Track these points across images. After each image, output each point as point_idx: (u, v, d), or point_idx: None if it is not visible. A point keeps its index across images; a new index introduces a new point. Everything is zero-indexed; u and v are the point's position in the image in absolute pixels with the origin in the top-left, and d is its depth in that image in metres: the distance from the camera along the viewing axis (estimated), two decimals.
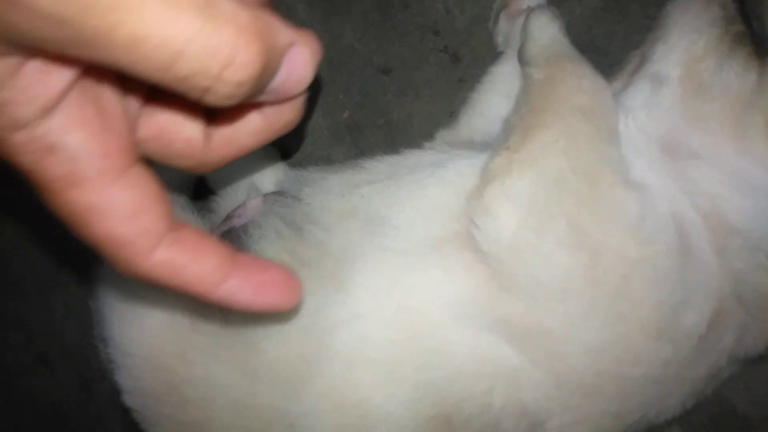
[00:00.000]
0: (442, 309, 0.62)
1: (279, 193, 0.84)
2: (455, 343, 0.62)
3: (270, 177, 0.94)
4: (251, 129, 0.42)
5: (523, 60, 0.73)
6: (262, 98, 0.37)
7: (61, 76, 0.34)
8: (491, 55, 0.92)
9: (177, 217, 0.40)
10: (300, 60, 0.37)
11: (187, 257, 0.40)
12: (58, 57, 0.33)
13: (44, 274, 1.20)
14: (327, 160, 1.02)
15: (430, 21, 0.98)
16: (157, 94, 0.40)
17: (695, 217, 0.62)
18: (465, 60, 0.97)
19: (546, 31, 0.72)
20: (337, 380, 0.64)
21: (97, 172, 0.36)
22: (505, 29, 0.90)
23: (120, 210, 0.37)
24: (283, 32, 0.34)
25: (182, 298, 0.74)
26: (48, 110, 0.34)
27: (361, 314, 0.64)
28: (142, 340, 0.74)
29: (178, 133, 0.41)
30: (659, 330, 0.59)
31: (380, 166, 0.77)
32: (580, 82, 0.65)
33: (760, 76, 0.63)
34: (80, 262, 1.14)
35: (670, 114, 0.66)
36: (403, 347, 0.63)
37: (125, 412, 1.10)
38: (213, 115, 0.42)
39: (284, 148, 1.02)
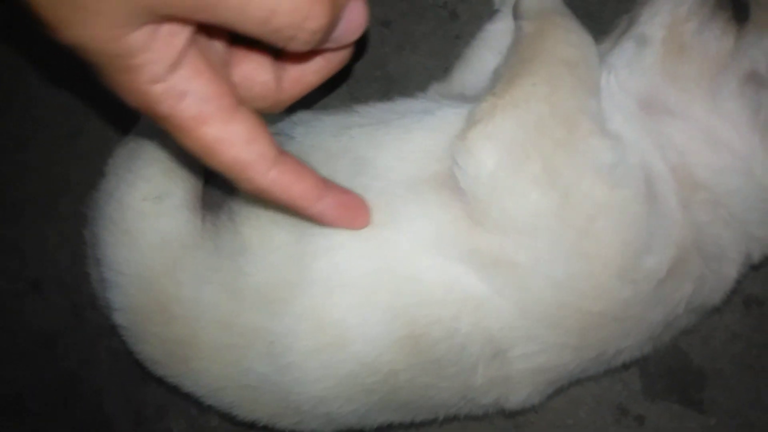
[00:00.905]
0: (415, 241, 0.67)
1: (273, 132, 0.87)
2: (426, 271, 0.66)
3: (265, 118, 0.97)
4: (315, 68, 0.54)
5: (516, 14, 0.76)
6: (327, 45, 0.48)
7: (182, 37, 0.44)
8: (488, 13, 0.95)
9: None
10: (356, 13, 0.49)
11: (293, 177, 0.53)
12: (181, 20, 0.43)
13: (40, 204, 1.23)
14: (323, 108, 1.05)
15: None
16: (237, 48, 0.51)
17: (664, 169, 0.66)
18: (463, 17, 0.99)
19: None
20: (315, 303, 0.69)
21: (219, 110, 0.46)
22: None
23: (241, 139, 0.48)
24: None
25: (174, 223, 0.78)
26: (177, 64, 0.44)
27: (340, 244, 0.69)
28: (134, 260, 0.78)
29: (257, 77, 0.52)
30: (621, 270, 0.63)
31: (372, 111, 0.80)
32: (567, 36, 0.69)
33: (736, 40, 0.66)
34: (76, 193, 1.17)
35: (650, 72, 0.69)
36: (377, 274, 0.67)
37: (111, 337, 1.15)
38: (282, 61, 0.53)
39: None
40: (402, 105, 0.81)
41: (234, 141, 0.47)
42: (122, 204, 0.80)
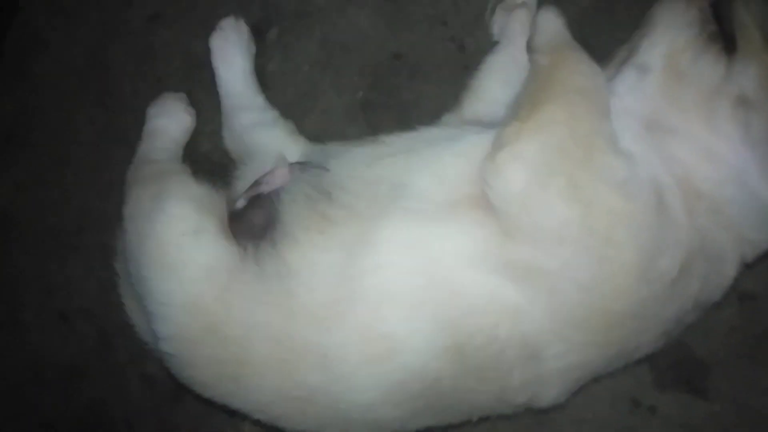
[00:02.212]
0: (456, 257, 0.74)
1: (305, 164, 0.94)
2: (467, 284, 0.73)
3: (292, 149, 1.03)
4: None
5: (530, 49, 0.85)
6: None
7: None
8: (494, 45, 1.04)
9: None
10: None
11: None
12: None
13: (63, 236, 1.26)
14: (341, 136, 1.12)
15: (439, 12, 1.09)
16: None
17: (670, 181, 0.75)
18: (470, 49, 1.08)
19: (552, 24, 0.85)
20: (365, 317, 0.75)
21: None
22: (502, 21, 1.03)
23: None
24: None
25: (215, 253, 0.84)
26: None
27: (387, 263, 0.76)
28: (181, 290, 0.83)
29: None
30: (639, 271, 0.71)
31: (399, 140, 0.88)
32: (579, 67, 0.78)
33: (727, 68, 0.76)
34: (100, 224, 1.21)
35: (652, 96, 0.78)
36: (423, 289, 0.74)
37: (142, 364, 1.18)
38: None
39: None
40: (427, 133, 0.88)
41: None
42: (161, 242, 0.85)
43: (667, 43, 0.79)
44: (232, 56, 1.10)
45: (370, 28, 1.12)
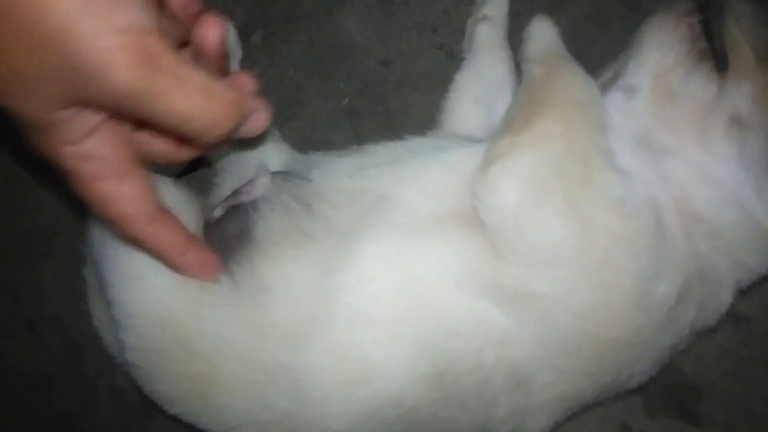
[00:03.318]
0: (441, 276, 0.70)
1: (287, 173, 0.90)
2: (453, 306, 0.69)
3: (275, 157, 0.99)
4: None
5: (523, 58, 0.82)
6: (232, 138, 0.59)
7: (99, 116, 0.55)
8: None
9: (169, 201, 0.68)
10: (259, 120, 0.63)
11: (165, 232, 0.65)
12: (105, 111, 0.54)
13: (34, 242, 1.22)
14: (327, 143, 1.09)
15: (428, 19, 1.07)
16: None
17: (668, 202, 0.72)
18: (459, 58, 1.05)
19: (546, 34, 0.82)
20: (340, 338, 0.71)
21: (114, 172, 0.57)
22: (469, 33, 1.01)
23: (128, 196, 0.59)
24: (252, 102, 0.60)
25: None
26: (88, 134, 0.55)
27: (366, 280, 0.71)
28: (149, 301, 0.79)
29: (156, 144, 0.65)
30: (636, 298, 0.67)
31: (385, 150, 0.84)
32: (574, 79, 0.75)
33: (719, 87, 0.74)
34: (71, 231, 1.17)
35: (643, 117, 0.76)
36: (403, 310, 0.70)
37: (112, 376, 1.14)
38: None
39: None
40: (413, 143, 0.85)
41: (121, 197, 0.58)
42: (130, 251, 0.80)
43: (656, 62, 0.77)
44: None
45: (358, 34, 1.09)
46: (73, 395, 1.18)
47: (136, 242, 0.65)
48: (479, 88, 0.94)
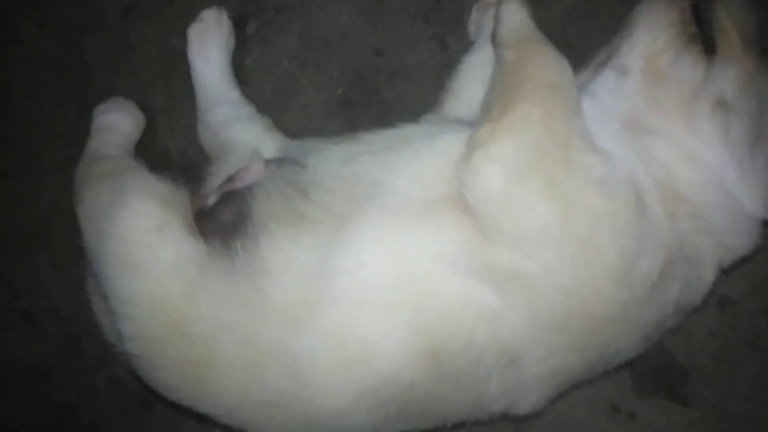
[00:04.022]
0: (434, 259, 0.72)
1: (282, 160, 0.91)
2: (445, 288, 0.72)
3: (269, 144, 1.01)
4: None
5: (495, 42, 0.83)
6: None
7: None
8: (472, 45, 1.02)
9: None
10: None
11: None
12: None
13: (30, 234, 1.23)
14: (321, 132, 1.10)
15: (421, 10, 1.08)
16: None
17: (649, 182, 0.74)
18: (452, 47, 1.07)
19: (516, 16, 0.82)
20: (338, 320, 0.73)
21: None
22: (476, 20, 1.02)
23: None
24: None
25: (181, 249, 0.81)
26: None
27: (362, 263, 0.74)
28: (146, 289, 0.80)
29: None
30: (619, 274, 0.70)
31: (378, 138, 0.86)
32: (547, 62, 0.76)
33: (707, 70, 0.76)
34: (67, 222, 1.17)
35: (632, 98, 0.78)
36: (399, 292, 0.73)
37: (110, 366, 1.15)
38: None
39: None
40: (406, 130, 0.87)
41: None
42: (124, 240, 0.82)
43: (647, 44, 0.79)
44: (209, 50, 1.08)
45: (352, 24, 1.10)
46: (73, 386, 1.19)
47: None
48: (489, 71, 0.95)
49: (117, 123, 1.10)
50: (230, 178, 0.93)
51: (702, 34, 0.78)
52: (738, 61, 0.75)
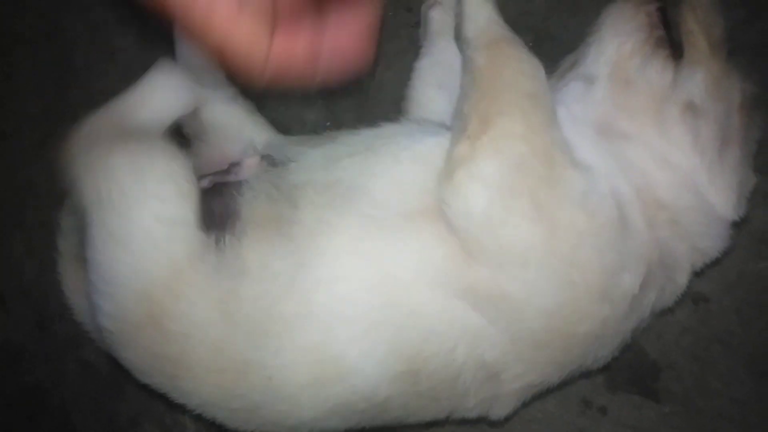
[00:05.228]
0: (416, 275, 0.71)
1: (270, 159, 0.90)
2: (427, 306, 0.71)
3: (257, 137, 0.98)
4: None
5: (461, 41, 0.80)
6: None
7: None
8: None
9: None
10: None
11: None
12: None
13: (4, 214, 1.21)
14: (300, 121, 1.10)
15: None
16: None
17: (630, 191, 0.74)
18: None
19: (482, 12, 0.79)
20: (314, 338, 0.72)
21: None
22: (423, 21, 1.00)
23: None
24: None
25: (186, 247, 0.77)
26: None
27: (341, 276, 0.72)
28: (135, 276, 0.77)
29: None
30: (602, 293, 0.70)
31: (358, 138, 0.84)
32: (522, 66, 0.75)
33: (675, 74, 0.76)
34: (43, 203, 1.16)
35: (602, 104, 0.78)
36: (379, 309, 0.71)
37: (81, 348, 1.13)
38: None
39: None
40: (386, 130, 0.85)
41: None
42: (130, 222, 0.77)
43: (615, 50, 0.78)
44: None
45: None
46: (43, 368, 1.18)
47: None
48: (440, 73, 0.94)
49: (172, 100, 0.96)
50: (225, 171, 0.92)
51: (669, 38, 0.78)
52: (705, 65, 0.75)
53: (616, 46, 0.78)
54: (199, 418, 0.83)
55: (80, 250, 0.95)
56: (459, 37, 0.81)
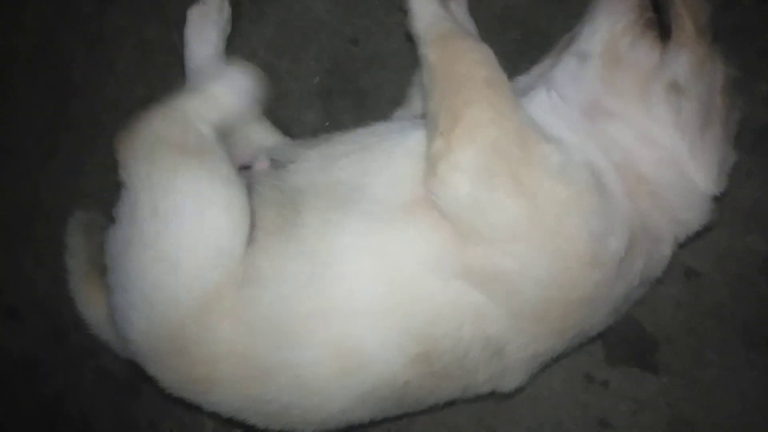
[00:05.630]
0: (418, 264, 0.76)
1: (275, 163, 0.93)
2: (432, 291, 0.76)
3: (265, 140, 1.02)
4: None
5: (413, 33, 0.84)
6: None
7: None
8: None
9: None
10: None
11: None
12: None
13: (13, 228, 1.23)
14: (298, 121, 1.13)
15: None
16: None
17: (608, 165, 0.79)
18: None
19: (427, 8, 0.83)
20: (336, 332, 0.76)
21: None
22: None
23: None
24: None
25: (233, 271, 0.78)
26: None
27: (351, 271, 0.77)
28: (171, 304, 0.78)
29: None
30: (591, 257, 0.74)
31: (353, 137, 0.88)
32: (474, 56, 0.78)
33: (662, 55, 0.81)
34: (50, 216, 1.18)
35: (592, 82, 0.82)
36: (388, 299, 0.76)
37: (97, 357, 1.16)
38: None
39: None
40: (380, 127, 0.89)
41: None
42: (180, 246, 0.78)
43: (607, 28, 0.83)
44: (208, 32, 1.07)
45: (327, 13, 1.12)
46: (60, 377, 1.21)
47: None
48: None
49: (234, 106, 0.92)
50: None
51: (659, 20, 0.82)
52: (691, 47, 0.79)
53: (609, 26, 0.82)
54: (216, 416, 0.87)
55: (91, 266, 0.97)
56: (411, 30, 0.83)
